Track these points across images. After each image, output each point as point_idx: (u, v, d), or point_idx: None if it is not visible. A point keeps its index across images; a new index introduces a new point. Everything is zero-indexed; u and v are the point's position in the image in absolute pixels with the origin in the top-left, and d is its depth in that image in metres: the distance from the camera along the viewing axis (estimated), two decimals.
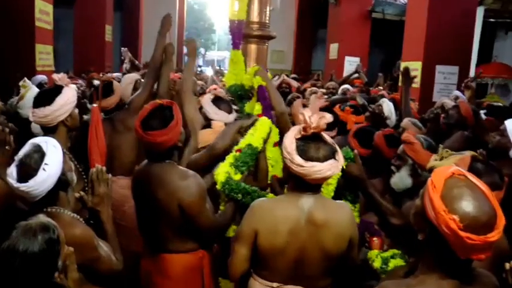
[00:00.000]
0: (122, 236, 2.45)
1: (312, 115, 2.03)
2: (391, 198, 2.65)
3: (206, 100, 3.34)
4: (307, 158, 1.99)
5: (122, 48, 6.40)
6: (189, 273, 2.53)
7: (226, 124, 3.20)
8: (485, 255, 1.34)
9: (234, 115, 3.38)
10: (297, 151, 2.02)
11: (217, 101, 3.34)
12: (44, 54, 6.43)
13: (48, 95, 2.61)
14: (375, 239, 2.35)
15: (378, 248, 2.34)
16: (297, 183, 2.10)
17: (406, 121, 3.72)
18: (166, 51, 3.57)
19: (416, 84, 6.63)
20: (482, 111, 4.28)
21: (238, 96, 3.62)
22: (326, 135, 2.12)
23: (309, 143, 2.03)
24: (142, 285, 2.62)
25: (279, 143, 2.97)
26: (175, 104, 2.46)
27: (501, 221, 1.35)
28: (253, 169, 2.90)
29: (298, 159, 1.99)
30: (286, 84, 6.40)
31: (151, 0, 14.09)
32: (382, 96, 5.31)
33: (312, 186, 2.09)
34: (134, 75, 4.12)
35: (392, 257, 2.19)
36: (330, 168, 2.02)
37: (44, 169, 1.89)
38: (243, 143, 2.83)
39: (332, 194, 2.61)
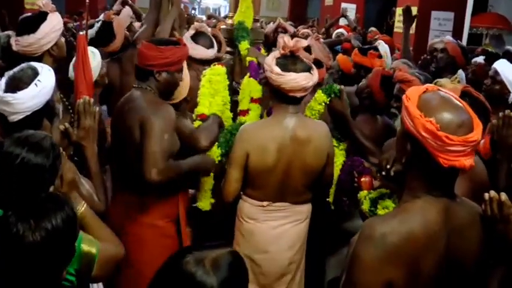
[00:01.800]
0: None
1: (291, 39, 2.34)
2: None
3: (186, 36, 3.25)
4: (284, 70, 2.27)
5: None
6: (161, 220, 2.41)
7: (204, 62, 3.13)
8: (468, 162, 1.33)
9: (214, 50, 3.28)
10: (276, 64, 2.30)
11: (196, 36, 3.24)
12: None
13: (32, 22, 2.50)
14: (363, 178, 2.30)
15: (367, 188, 2.26)
16: (279, 98, 2.36)
17: (396, 62, 3.69)
18: None
19: (411, 30, 6.53)
20: (481, 57, 4.24)
21: (240, 33, 3.57)
22: (303, 57, 2.36)
23: (287, 59, 2.32)
24: None
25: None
26: (184, 43, 2.48)
27: (478, 126, 1.35)
28: None
29: (277, 69, 2.27)
30: (282, 29, 6.30)
31: None
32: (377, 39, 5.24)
33: (291, 99, 2.33)
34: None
35: (380, 197, 2.13)
36: (305, 79, 2.28)
37: (36, 84, 1.83)
38: (202, 107, 2.72)
39: None
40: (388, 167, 1.89)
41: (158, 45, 2.31)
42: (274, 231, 2.44)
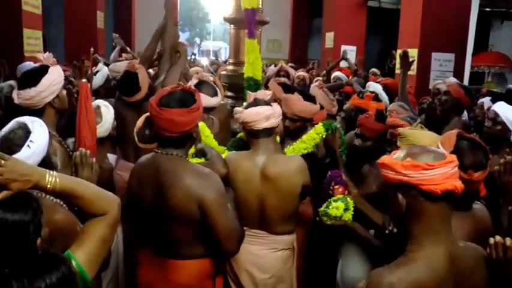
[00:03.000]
0: None
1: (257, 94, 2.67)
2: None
3: (189, 85, 3.28)
4: (247, 108, 2.56)
5: (114, 34, 6.26)
6: (201, 281, 2.35)
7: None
8: (458, 184, 1.44)
9: (218, 98, 3.31)
10: (243, 108, 2.61)
11: (199, 84, 3.26)
12: (33, 40, 6.27)
13: (33, 75, 2.50)
14: (337, 186, 2.46)
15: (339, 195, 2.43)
16: (249, 135, 2.60)
17: (392, 105, 3.69)
18: (179, 48, 3.41)
19: (412, 71, 6.59)
20: (488, 98, 4.24)
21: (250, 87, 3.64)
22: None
23: (251, 104, 2.59)
24: None
25: None
26: (198, 92, 2.32)
27: (451, 156, 1.49)
28: None
29: (241, 109, 2.58)
30: (284, 72, 6.35)
31: None
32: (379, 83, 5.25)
33: (259, 132, 2.53)
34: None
35: (335, 200, 2.34)
36: (266, 110, 2.51)
37: (28, 146, 1.79)
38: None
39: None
40: (390, 227, 2.09)
41: (190, 107, 2.16)
42: (253, 253, 2.58)
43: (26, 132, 1.84)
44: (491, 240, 1.49)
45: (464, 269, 1.46)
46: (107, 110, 2.84)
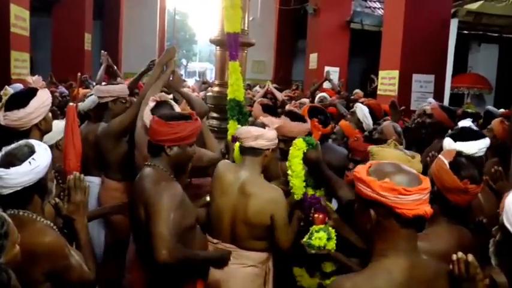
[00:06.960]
0: None
1: None
2: None
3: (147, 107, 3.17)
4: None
5: (102, 52, 6.29)
6: None
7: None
8: (428, 209, 1.48)
9: None
10: None
11: (157, 107, 2.97)
12: (20, 62, 6.30)
13: (22, 97, 2.54)
14: (316, 214, 2.48)
15: (319, 223, 2.45)
16: (240, 151, 2.74)
17: (387, 123, 3.72)
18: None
19: (393, 92, 6.75)
20: (468, 119, 4.35)
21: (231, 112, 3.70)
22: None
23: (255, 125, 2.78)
24: None
25: None
26: (191, 116, 2.55)
27: (425, 178, 1.53)
28: None
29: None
30: (270, 94, 6.41)
31: (131, 9, 14.01)
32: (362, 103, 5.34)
33: (247, 149, 2.64)
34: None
35: (317, 231, 2.37)
36: (257, 130, 2.62)
37: (29, 162, 1.84)
38: None
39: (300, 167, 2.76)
40: None
41: (168, 121, 2.37)
42: (226, 268, 2.63)
43: (30, 150, 1.89)
44: (454, 256, 1.53)
45: (424, 281, 1.50)
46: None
